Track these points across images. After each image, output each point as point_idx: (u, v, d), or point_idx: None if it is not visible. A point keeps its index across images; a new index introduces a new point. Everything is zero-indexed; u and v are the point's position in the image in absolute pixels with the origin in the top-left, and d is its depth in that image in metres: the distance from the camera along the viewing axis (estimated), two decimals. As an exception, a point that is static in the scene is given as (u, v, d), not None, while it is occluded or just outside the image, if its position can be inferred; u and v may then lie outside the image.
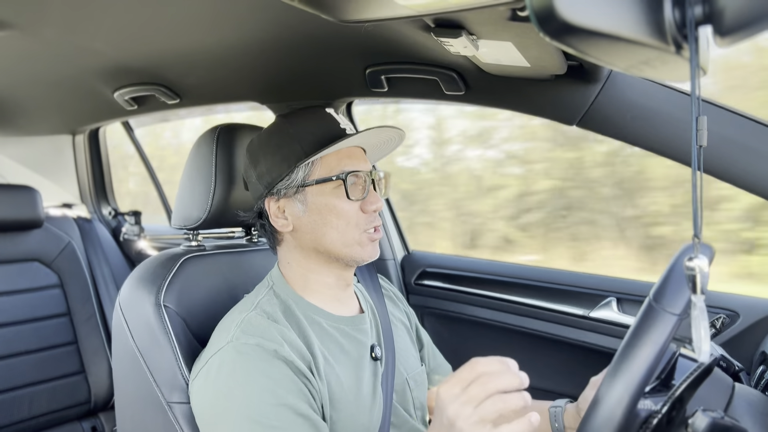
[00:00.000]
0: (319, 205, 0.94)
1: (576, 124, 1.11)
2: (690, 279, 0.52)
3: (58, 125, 2.13)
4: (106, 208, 2.37)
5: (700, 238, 0.52)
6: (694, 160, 0.50)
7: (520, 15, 0.77)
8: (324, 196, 0.94)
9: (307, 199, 0.95)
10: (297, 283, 0.99)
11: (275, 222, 0.98)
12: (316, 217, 0.94)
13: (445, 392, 0.71)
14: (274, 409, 0.82)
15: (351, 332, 0.99)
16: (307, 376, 0.87)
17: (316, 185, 0.94)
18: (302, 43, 1.14)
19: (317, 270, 0.98)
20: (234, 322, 0.91)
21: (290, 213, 0.96)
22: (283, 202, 0.97)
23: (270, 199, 0.98)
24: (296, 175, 0.94)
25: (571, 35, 0.40)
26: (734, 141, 0.98)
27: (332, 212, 0.94)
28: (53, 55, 1.31)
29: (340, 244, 0.94)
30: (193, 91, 1.53)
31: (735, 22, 0.41)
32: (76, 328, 1.88)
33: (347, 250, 0.95)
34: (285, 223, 0.97)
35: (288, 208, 0.96)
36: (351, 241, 0.94)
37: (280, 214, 0.97)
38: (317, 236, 0.95)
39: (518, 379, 0.68)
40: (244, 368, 0.85)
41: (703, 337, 0.52)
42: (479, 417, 0.67)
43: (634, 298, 1.33)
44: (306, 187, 0.94)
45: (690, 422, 0.58)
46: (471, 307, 1.56)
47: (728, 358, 0.85)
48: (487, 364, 0.70)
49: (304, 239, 0.97)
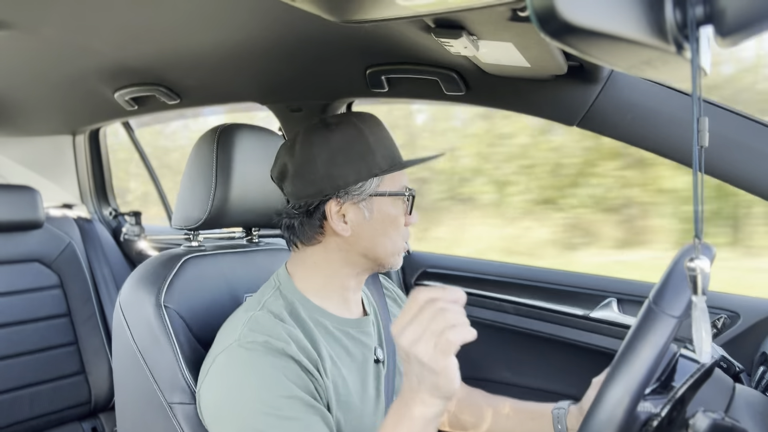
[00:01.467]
0: (384, 215, 0.97)
1: (576, 125, 1.11)
2: (691, 280, 0.51)
3: (59, 125, 2.13)
4: (107, 208, 2.37)
5: (701, 238, 0.52)
6: (695, 161, 0.50)
7: (520, 15, 0.77)
8: (390, 207, 0.97)
9: (374, 208, 0.96)
10: (310, 285, 0.98)
11: (335, 225, 0.94)
12: (378, 226, 0.96)
13: (395, 327, 0.74)
14: (287, 400, 0.82)
15: (356, 335, 0.99)
16: (313, 374, 0.87)
17: (388, 197, 0.97)
18: (302, 43, 1.14)
19: (347, 273, 0.98)
20: (240, 321, 0.91)
21: (351, 218, 0.95)
22: (347, 206, 0.95)
23: (333, 201, 0.95)
24: (371, 183, 0.96)
25: (571, 35, 0.40)
26: (735, 141, 0.98)
27: (393, 224, 0.98)
28: (53, 55, 1.31)
29: (389, 253, 0.98)
30: (194, 92, 1.53)
31: (736, 23, 0.41)
32: (76, 328, 1.88)
33: (392, 259, 0.99)
34: (344, 227, 0.95)
35: (350, 213, 0.95)
36: (396, 251, 0.99)
37: (341, 217, 0.95)
38: (374, 243, 0.96)
39: (457, 301, 0.75)
40: (254, 363, 0.85)
41: (705, 339, 0.52)
42: (431, 334, 0.71)
43: (635, 299, 1.33)
44: (375, 197, 0.96)
45: (691, 423, 0.58)
46: (471, 307, 1.56)
47: (729, 359, 0.85)
48: (429, 291, 0.74)
49: (359, 245, 0.96)
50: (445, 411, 0.81)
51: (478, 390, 1.24)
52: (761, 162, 0.97)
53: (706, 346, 0.52)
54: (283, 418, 0.81)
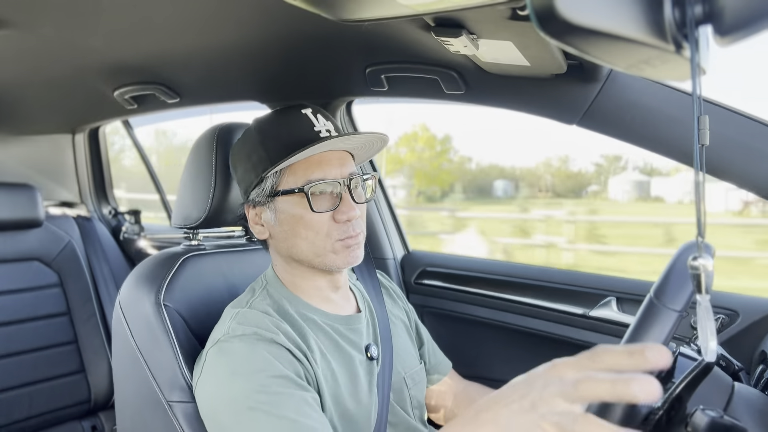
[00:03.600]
0: (288, 215, 0.92)
1: (576, 124, 1.11)
2: (695, 278, 0.52)
3: (58, 124, 2.13)
4: (106, 207, 2.37)
5: (704, 237, 0.52)
6: (696, 160, 0.50)
7: (520, 14, 0.77)
8: (292, 207, 0.91)
9: (277, 208, 0.93)
10: (290, 284, 0.99)
11: (253, 228, 0.99)
12: (287, 227, 0.93)
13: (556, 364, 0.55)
14: (277, 379, 0.82)
15: (345, 332, 0.99)
16: (302, 362, 0.88)
17: (283, 195, 0.91)
18: (302, 42, 1.14)
19: (302, 275, 0.98)
20: (228, 315, 0.93)
21: (265, 221, 0.96)
22: (259, 209, 0.96)
23: (248, 206, 0.98)
24: (265, 183, 0.92)
25: (571, 34, 0.40)
26: (735, 140, 0.98)
27: (299, 223, 0.91)
28: (53, 54, 1.31)
29: (311, 254, 0.92)
30: (193, 91, 1.53)
31: (735, 22, 0.41)
32: (76, 327, 1.88)
33: (320, 260, 0.92)
34: (261, 230, 0.97)
35: (263, 215, 0.96)
36: (323, 251, 0.91)
37: (258, 220, 0.97)
38: (289, 246, 0.94)
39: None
40: (243, 350, 0.85)
41: (710, 336, 0.52)
42: (570, 393, 0.51)
43: (634, 298, 1.33)
44: (275, 196, 0.92)
45: (689, 421, 0.58)
46: (471, 306, 1.56)
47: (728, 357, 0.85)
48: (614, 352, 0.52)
49: (280, 247, 0.97)
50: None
51: (476, 384, 1.24)
52: (761, 161, 0.97)
53: (712, 344, 0.52)
54: (274, 394, 0.81)
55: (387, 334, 1.05)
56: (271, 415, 0.79)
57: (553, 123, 1.16)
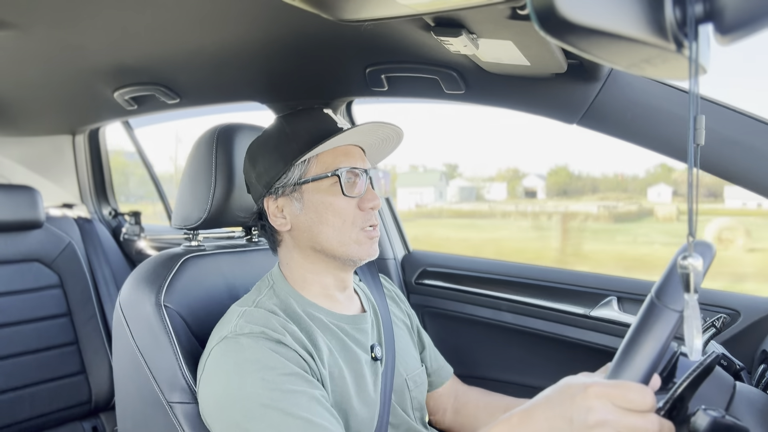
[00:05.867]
0: (316, 202, 0.94)
1: (576, 123, 1.11)
2: (683, 277, 0.52)
3: (58, 125, 2.13)
4: (107, 208, 2.37)
5: (695, 236, 0.52)
6: (690, 159, 0.50)
7: (520, 13, 0.77)
8: (320, 194, 0.94)
9: (304, 197, 0.95)
10: (297, 283, 0.99)
11: (274, 221, 0.98)
12: (313, 215, 0.94)
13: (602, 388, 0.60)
14: (288, 377, 0.82)
15: (351, 331, 0.99)
16: (309, 363, 0.88)
17: (312, 182, 0.94)
18: (302, 42, 1.14)
19: (315, 270, 0.98)
20: (235, 313, 0.92)
21: (288, 212, 0.97)
22: (281, 201, 0.97)
23: (268, 199, 0.98)
24: (293, 173, 0.95)
25: (571, 33, 0.40)
26: (734, 139, 0.98)
27: (329, 210, 0.94)
28: (53, 55, 1.31)
29: (336, 243, 0.94)
30: (193, 91, 1.53)
31: (736, 20, 0.41)
32: (76, 328, 1.88)
33: (344, 249, 0.94)
34: (283, 222, 0.97)
35: (286, 207, 0.97)
36: (348, 240, 0.94)
37: (279, 213, 0.98)
38: (314, 234, 0.95)
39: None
40: (251, 348, 0.85)
41: (695, 335, 0.52)
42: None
43: (635, 297, 1.33)
44: (302, 184, 0.95)
45: (691, 421, 0.58)
46: (472, 306, 1.56)
47: (729, 357, 0.84)
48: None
49: (302, 238, 0.97)
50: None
51: (476, 388, 1.25)
52: (760, 160, 0.97)
53: (698, 342, 0.52)
54: (287, 391, 0.81)
55: (390, 335, 1.05)
56: (286, 414, 0.79)
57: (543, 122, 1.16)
